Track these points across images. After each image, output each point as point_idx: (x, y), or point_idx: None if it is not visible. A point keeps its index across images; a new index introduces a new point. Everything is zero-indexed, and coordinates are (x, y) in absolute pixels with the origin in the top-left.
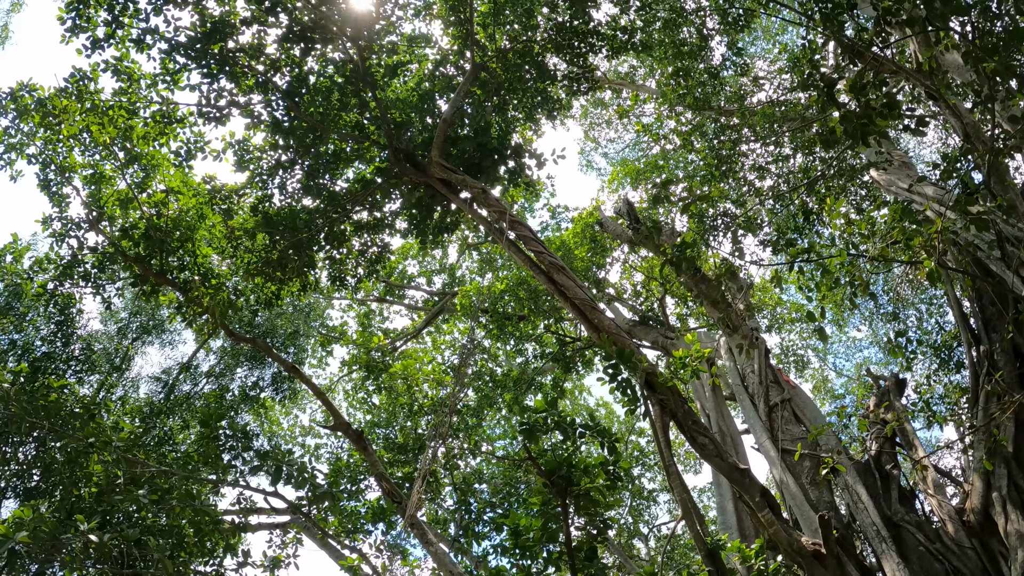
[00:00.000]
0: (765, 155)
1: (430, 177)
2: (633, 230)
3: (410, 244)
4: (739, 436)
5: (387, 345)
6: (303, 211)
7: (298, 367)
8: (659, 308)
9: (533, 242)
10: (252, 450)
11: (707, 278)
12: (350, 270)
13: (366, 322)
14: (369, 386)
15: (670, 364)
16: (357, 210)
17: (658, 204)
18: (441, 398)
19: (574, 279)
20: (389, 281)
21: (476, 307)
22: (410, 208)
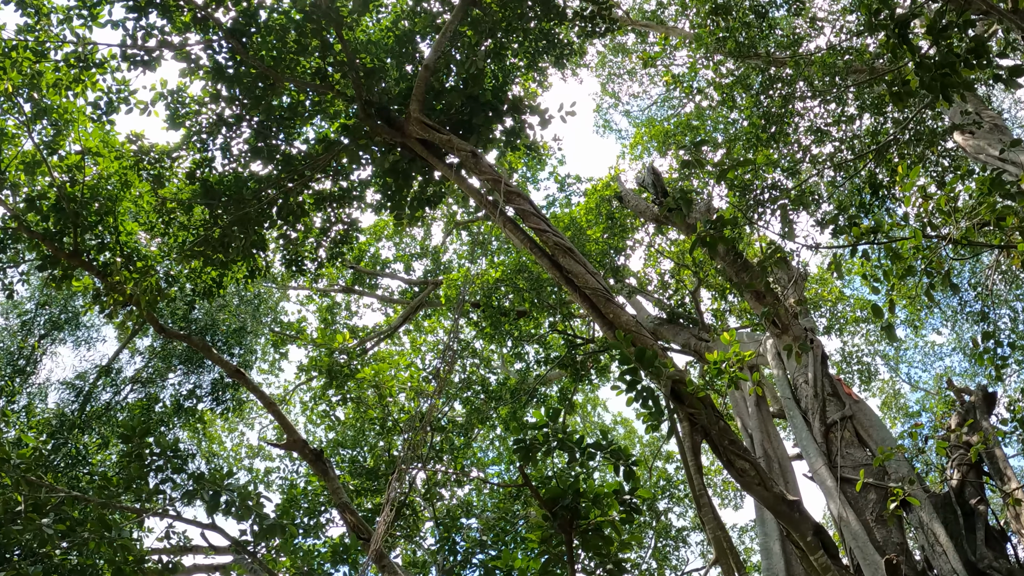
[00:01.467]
0: (824, 114)
1: (408, 137)
2: (659, 205)
3: (384, 221)
4: (789, 461)
5: (355, 346)
6: (251, 179)
7: (244, 372)
8: (691, 302)
9: (535, 219)
10: (186, 473)
11: (750, 265)
12: (309, 252)
13: (329, 318)
14: (332, 396)
15: (704, 371)
16: (318, 178)
17: (690, 173)
18: (421, 412)
19: (586, 265)
20: (357, 267)
21: (464, 300)
22: (383, 176)
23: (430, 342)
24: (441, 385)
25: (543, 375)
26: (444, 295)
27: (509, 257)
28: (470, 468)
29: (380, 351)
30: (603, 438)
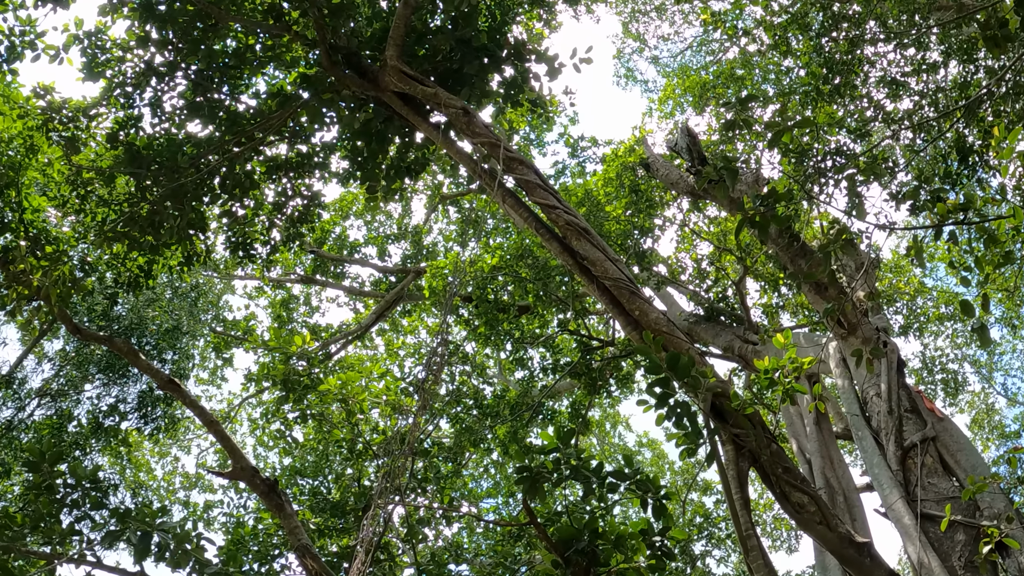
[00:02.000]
0: (900, 62)
1: (383, 91)
2: (696, 175)
3: (352, 195)
4: (856, 493)
5: (316, 350)
6: (187, 142)
7: (179, 382)
8: (735, 295)
9: (542, 192)
10: (107, 509)
11: (809, 250)
12: (260, 233)
13: (284, 314)
14: (288, 413)
15: (751, 381)
16: (271, 141)
17: (734, 135)
18: (399, 432)
19: (604, 249)
20: (320, 252)
21: (454, 292)
22: (353, 139)
23: (410, 345)
24: (424, 399)
25: (551, 386)
26: (428, 286)
27: (509, 239)
28: (460, 502)
29: (348, 356)
30: (626, 465)
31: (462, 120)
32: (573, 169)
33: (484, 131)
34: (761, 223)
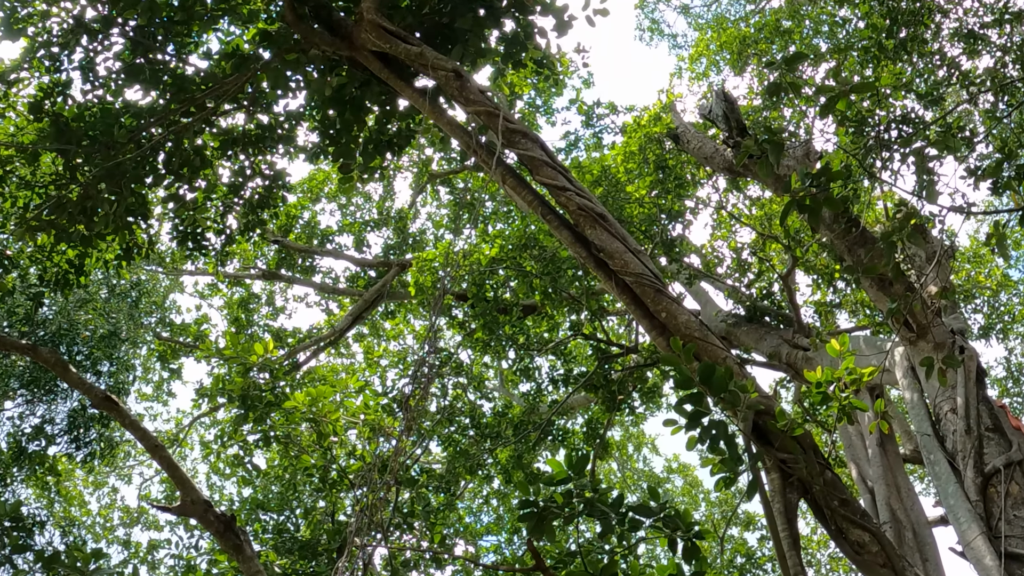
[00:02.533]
0: (979, 10)
1: (360, 50)
2: (734, 147)
3: (324, 173)
4: (928, 528)
5: (281, 359)
6: (126, 112)
7: (117, 399)
8: (781, 291)
9: (549, 170)
10: (31, 551)
11: (870, 237)
12: (213, 221)
13: (243, 317)
14: (248, 435)
15: (801, 395)
16: (226, 111)
17: (780, 101)
18: (380, 458)
19: (625, 239)
20: (284, 241)
21: (445, 290)
22: (323, 108)
23: (393, 352)
24: (411, 418)
25: (562, 401)
26: (415, 283)
27: (511, 225)
28: (454, 541)
29: (319, 367)
30: (652, 497)
31: (453, 84)
32: (587, 141)
33: (480, 97)
34: (812, 207)
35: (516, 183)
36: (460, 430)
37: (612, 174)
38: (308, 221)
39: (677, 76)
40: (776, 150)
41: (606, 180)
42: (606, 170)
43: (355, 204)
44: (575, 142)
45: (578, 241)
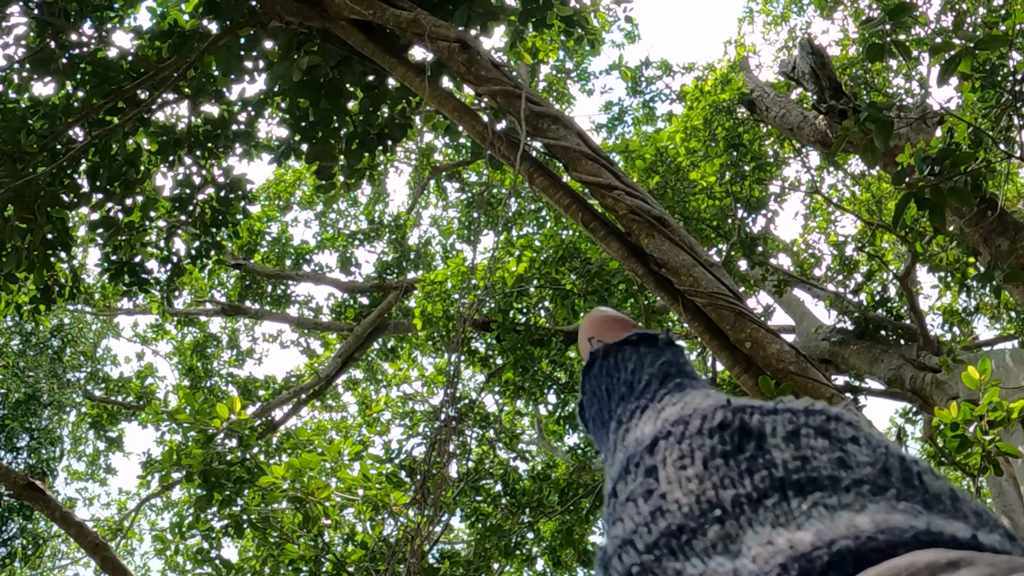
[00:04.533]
0: None
1: (335, 19)
2: (827, 113)
3: (295, 173)
4: None
5: (251, 421)
6: (35, 112)
7: (40, 483)
8: (900, 297)
9: (588, 163)
10: None
11: (1012, 221)
12: (154, 247)
13: (199, 365)
14: (214, 520)
15: (932, 433)
16: (165, 101)
17: (886, 56)
18: (387, 542)
19: (693, 247)
20: (249, 265)
21: (465, 324)
22: (291, 95)
23: (397, 401)
24: (426, 490)
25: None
26: (421, 312)
27: (543, 231)
28: None
29: (302, 428)
30: None
31: (459, 58)
32: (635, 112)
33: (495, 73)
34: (933, 200)
35: (547, 181)
36: (489, 499)
37: (670, 157)
38: (277, 236)
39: (748, 21)
40: (884, 131)
41: (663, 166)
42: (662, 152)
43: (337, 211)
44: (620, 115)
45: (632, 254)
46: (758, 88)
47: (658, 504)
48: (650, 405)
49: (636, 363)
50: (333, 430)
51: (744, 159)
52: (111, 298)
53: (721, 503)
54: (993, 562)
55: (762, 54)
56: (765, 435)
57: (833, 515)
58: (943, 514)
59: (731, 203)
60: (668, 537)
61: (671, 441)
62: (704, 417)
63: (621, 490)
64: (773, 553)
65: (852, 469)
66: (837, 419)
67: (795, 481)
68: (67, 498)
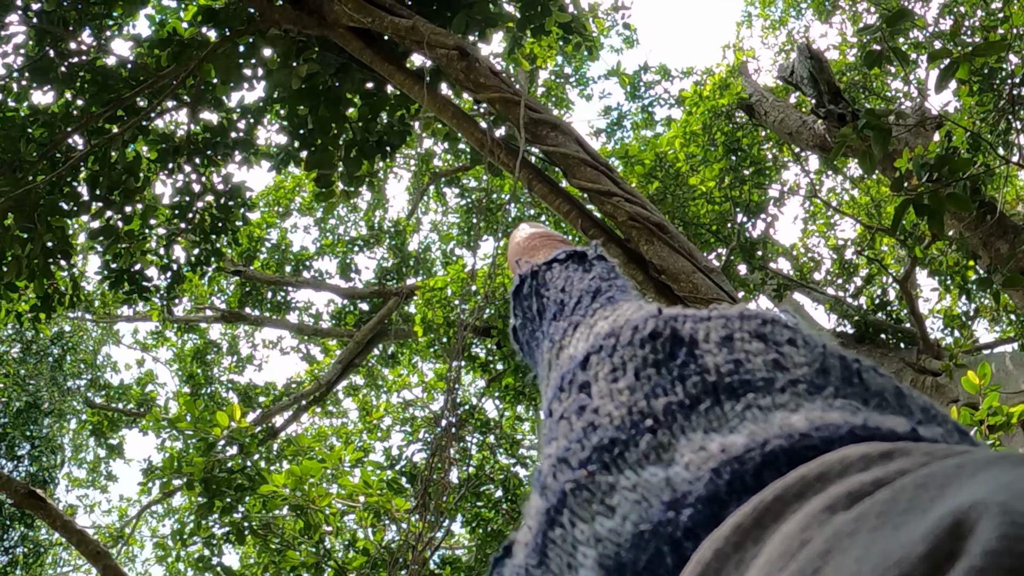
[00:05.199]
0: None
1: (334, 27)
2: (826, 118)
3: (295, 179)
4: None
5: (252, 428)
6: (34, 121)
7: (41, 492)
8: (900, 301)
9: (587, 169)
10: None
11: (1011, 224)
12: (154, 255)
13: (199, 372)
14: (215, 527)
15: None
16: (164, 109)
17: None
18: (388, 548)
19: (692, 253)
20: (249, 271)
21: (464, 325)
22: (291, 103)
23: (399, 405)
24: (427, 497)
25: None
26: (421, 319)
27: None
28: None
29: (302, 435)
30: None
31: (458, 65)
32: (634, 117)
33: (493, 80)
34: (932, 207)
35: (546, 188)
36: (490, 505)
37: (669, 162)
38: (277, 243)
39: (746, 25)
40: (882, 138)
41: (662, 171)
42: (661, 158)
43: (337, 217)
44: (619, 120)
45: (632, 260)
46: (757, 92)
47: (591, 419)
48: (582, 321)
49: (566, 281)
50: (334, 436)
51: (743, 164)
52: (111, 305)
53: (653, 412)
54: (929, 451)
55: (761, 58)
56: (697, 341)
57: (767, 416)
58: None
59: (730, 208)
60: (600, 451)
61: (603, 355)
62: (635, 328)
63: (556, 409)
64: (705, 459)
65: (788, 370)
66: (774, 322)
67: (728, 385)
68: (68, 505)
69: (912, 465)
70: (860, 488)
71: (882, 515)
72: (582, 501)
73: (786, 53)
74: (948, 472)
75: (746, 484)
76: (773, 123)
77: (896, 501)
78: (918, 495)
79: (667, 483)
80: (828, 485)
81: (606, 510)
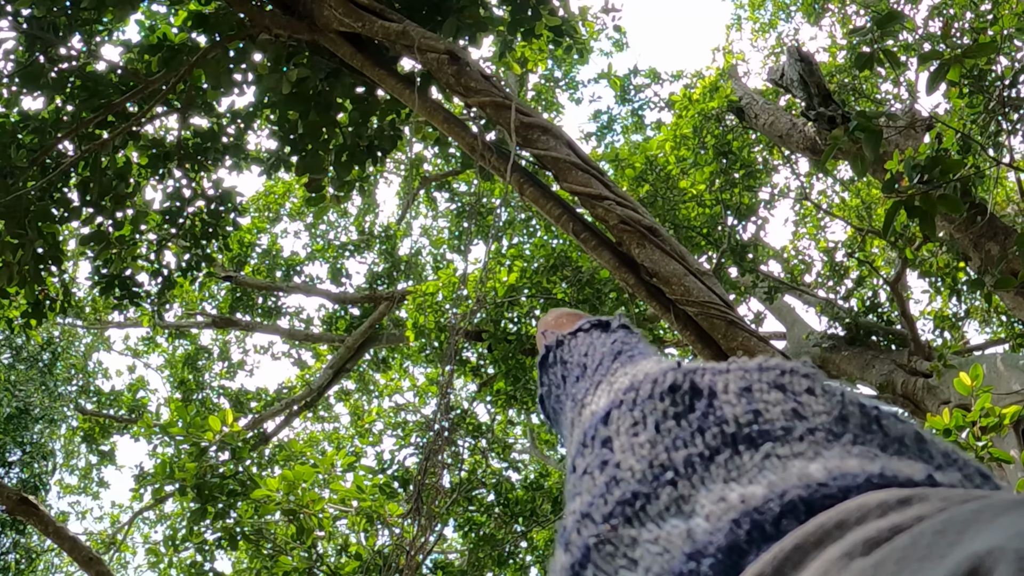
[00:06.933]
0: None
1: (324, 31)
2: (816, 120)
3: (285, 184)
4: None
5: (243, 433)
6: (24, 127)
7: (33, 498)
8: (890, 303)
9: (578, 173)
10: None
11: (1002, 226)
12: (145, 260)
13: (190, 378)
14: (208, 533)
15: None
16: (155, 114)
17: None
18: (380, 553)
19: (683, 256)
20: (240, 277)
21: (457, 337)
22: (281, 108)
23: (391, 410)
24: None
25: None
26: (412, 324)
27: (534, 240)
28: None
29: (294, 440)
30: None
31: (448, 70)
32: (624, 121)
33: (484, 85)
34: (923, 208)
35: (537, 192)
36: (482, 509)
37: (660, 165)
38: (267, 248)
39: (736, 28)
40: (874, 140)
41: (652, 174)
42: (652, 161)
43: (327, 222)
44: (609, 123)
45: (623, 264)
46: (747, 95)
47: (613, 473)
48: (603, 380)
49: (589, 346)
50: (325, 441)
51: (734, 167)
52: (102, 311)
53: (673, 464)
54: (947, 496)
55: (750, 61)
56: (716, 392)
57: (786, 465)
58: (902, 456)
59: (721, 211)
60: (623, 505)
61: (623, 409)
62: (655, 381)
63: (579, 464)
64: (726, 509)
65: (806, 419)
66: (792, 372)
67: (747, 435)
68: (60, 512)
69: (930, 511)
70: (878, 535)
71: (901, 561)
72: (606, 555)
73: (776, 56)
74: (966, 518)
75: (766, 533)
76: (763, 126)
77: (914, 547)
78: (936, 541)
79: (688, 534)
80: (847, 532)
81: (629, 563)
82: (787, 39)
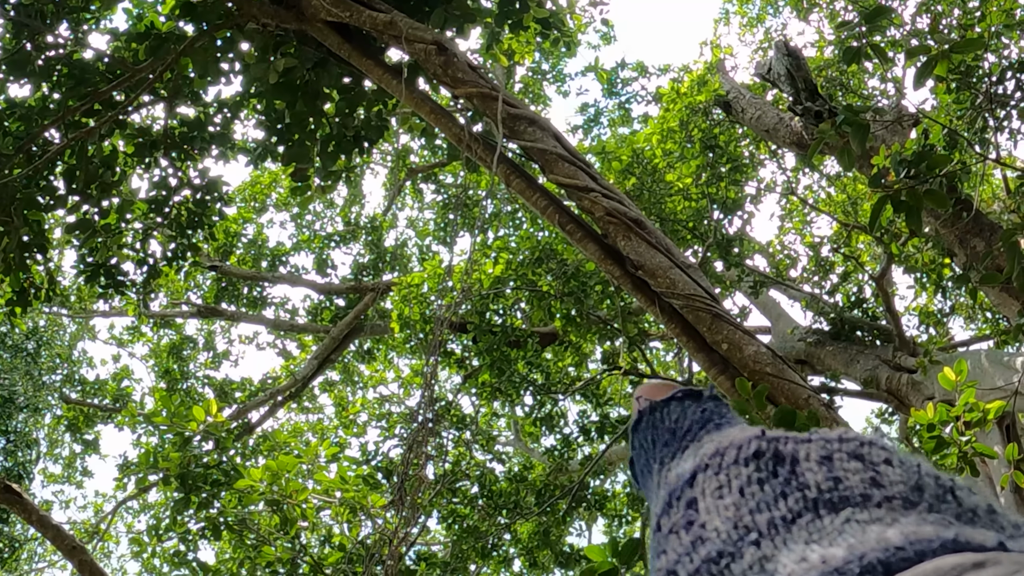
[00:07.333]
0: None
1: (311, 21)
2: (803, 115)
3: (271, 174)
4: None
5: (228, 423)
6: (11, 114)
7: (16, 486)
8: (876, 298)
9: (565, 165)
10: None
11: (987, 222)
12: (131, 249)
13: (175, 367)
14: (191, 523)
15: (908, 433)
16: (141, 103)
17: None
18: (364, 543)
19: (669, 249)
20: (225, 266)
21: (442, 328)
22: (268, 97)
23: (375, 401)
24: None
25: (598, 456)
26: (397, 314)
27: (520, 232)
28: None
29: (278, 431)
30: None
31: (435, 60)
32: (611, 114)
33: (471, 76)
34: (909, 203)
35: (524, 184)
36: (466, 501)
37: (646, 159)
38: (253, 238)
39: (724, 23)
40: (861, 134)
41: (639, 167)
42: (638, 154)
43: (313, 212)
44: (596, 116)
45: (609, 256)
46: (734, 90)
47: (698, 533)
48: (690, 445)
49: (679, 414)
50: (310, 432)
51: (720, 161)
52: (87, 300)
53: (757, 526)
54: (1019, 560)
55: (738, 56)
56: (799, 460)
57: (865, 530)
58: (975, 525)
59: (707, 204)
60: (708, 563)
61: (709, 473)
62: (739, 448)
63: (664, 524)
64: (807, 569)
65: (884, 488)
66: (871, 444)
67: (828, 500)
68: (43, 501)
69: (1002, 574)
70: None
71: None
72: None
73: (764, 50)
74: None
75: None
76: (750, 120)
77: None
78: None
79: None
80: None
81: None
82: (775, 34)
